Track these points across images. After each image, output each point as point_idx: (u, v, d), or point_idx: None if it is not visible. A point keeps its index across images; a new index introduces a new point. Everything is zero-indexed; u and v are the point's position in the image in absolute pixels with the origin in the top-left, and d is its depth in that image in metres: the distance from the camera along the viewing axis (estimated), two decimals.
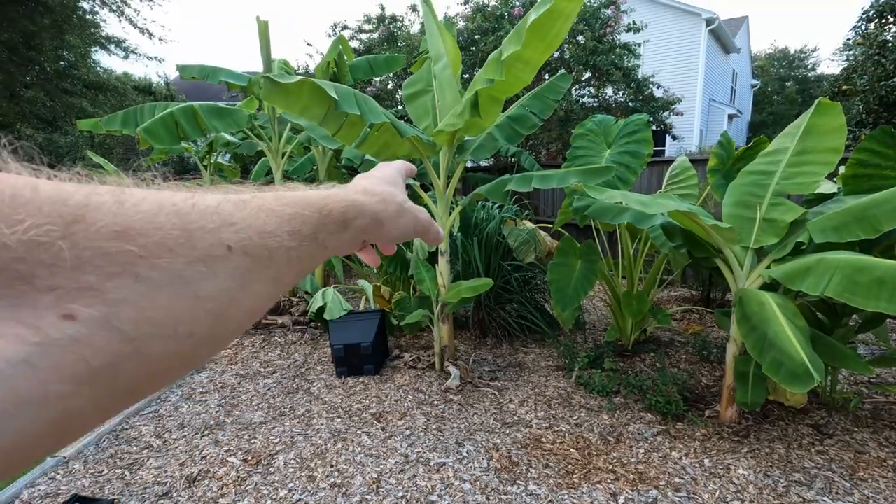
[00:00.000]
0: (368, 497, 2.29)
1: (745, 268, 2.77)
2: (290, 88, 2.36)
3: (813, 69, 30.92)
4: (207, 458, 2.63)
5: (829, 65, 32.92)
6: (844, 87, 7.43)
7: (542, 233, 4.60)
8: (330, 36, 10.66)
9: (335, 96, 2.37)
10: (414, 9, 10.96)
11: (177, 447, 2.75)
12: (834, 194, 3.05)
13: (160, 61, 13.58)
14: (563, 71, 3.86)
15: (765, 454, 2.61)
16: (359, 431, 2.89)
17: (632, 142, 3.52)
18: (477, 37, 8.04)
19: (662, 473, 2.47)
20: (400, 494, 2.30)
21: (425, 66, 3.87)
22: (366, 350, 3.61)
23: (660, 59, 15.73)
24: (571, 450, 2.70)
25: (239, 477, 2.45)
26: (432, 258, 4.05)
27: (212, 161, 6.07)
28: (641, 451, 2.68)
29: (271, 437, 2.83)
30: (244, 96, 6.09)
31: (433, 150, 3.20)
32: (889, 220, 2.30)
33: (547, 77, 7.11)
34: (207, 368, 3.87)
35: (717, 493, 2.31)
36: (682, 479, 2.43)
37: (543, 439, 2.81)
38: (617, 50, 8.12)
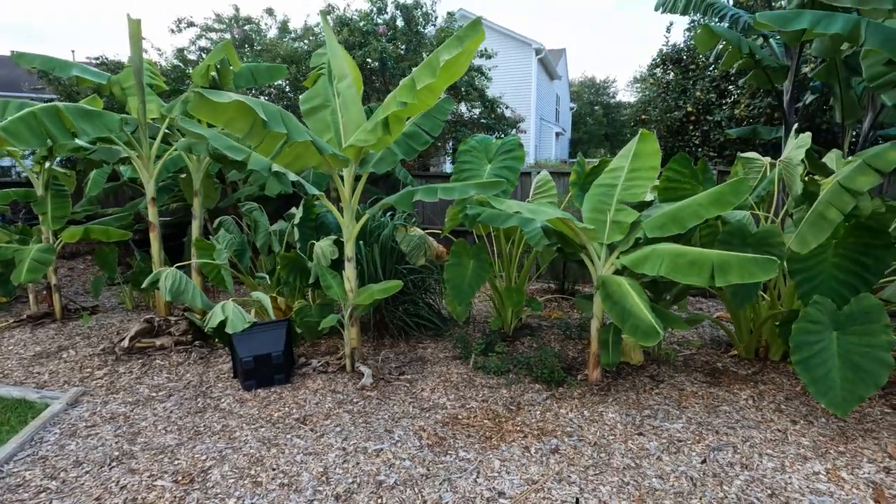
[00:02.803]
0: (321, 489, 2.44)
1: (602, 259, 3.57)
2: (219, 105, 2.39)
3: (614, 97, 37.34)
4: (128, 486, 2.47)
5: (625, 94, 39.99)
6: (643, 117, 9.42)
7: (430, 238, 5.05)
8: (173, 32, 9.76)
9: (264, 116, 2.47)
10: (270, 12, 10.64)
11: (83, 484, 2.51)
12: (653, 202, 4.07)
13: None
14: (447, 95, 4.38)
15: (623, 400, 3.41)
16: (288, 436, 2.96)
17: (509, 158, 4.17)
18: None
19: (557, 426, 3.08)
20: (350, 480, 2.50)
21: (321, 82, 4.03)
22: (277, 360, 3.62)
23: (501, 82, 17.58)
24: (485, 420, 3.17)
25: (175, 497, 2.37)
26: (335, 265, 4.20)
27: (45, 167, 5.23)
28: (538, 412, 3.27)
29: (196, 455, 2.74)
30: (59, 94, 5.32)
31: (344, 163, 3.41)
32: (691, 220, 3.24)
33: None
34: (83, 402, 3.46)
35: (598, 433, 2.99)
36: (571, 427, 3.07)
37: (459, 416, 3.23)
38: (471, 72, 9.08)
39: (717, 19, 5.48)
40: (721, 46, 4.53)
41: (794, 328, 2.89)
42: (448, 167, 14.34)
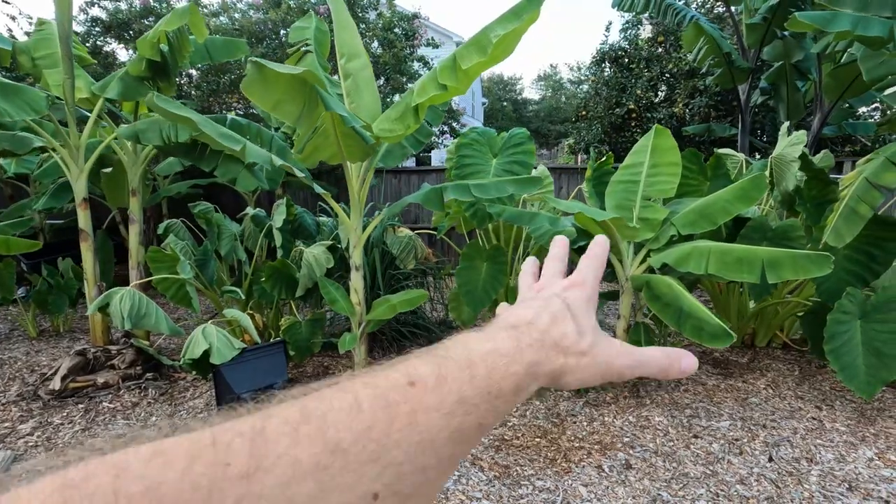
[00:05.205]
0: None
1: (629, 258, 3.46)
2: (277, 78, 1.83)
3: (520, 94, 38.73)
4: None
5: (530, 91, 41.71)
6: (582, 113, 9.70)
7: (419, 239, 4.64)
8: None
9: (328, 94, 1.95)
10: None
11: None
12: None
13: None
14: None
15: (659, 402, 3.35)
16: None
17: (518, 153, 3.91)
18: (282, 31, 7.40)
19: (614, 438, 2.91)
20: None
21: (309, 61, 3.45)
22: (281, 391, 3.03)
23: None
24: (536, 439, 2.91)
25: None
26: (329, 274, 3.66)
27: None
28: (584, 423, 3.08)
29: None
30: None
31: (364, 154, 2.92)
32: (720, 216, 3.23)
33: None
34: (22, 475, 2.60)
35: (656, 440, 2.87)
36: (628, 437, 2.92)
37: (507, 437, 2.94)
38: (416, 62, 8.74)
39: (676, 21, 5.69)
40: (701, 42, 4.70)
41: (830, 319, 3.00)
42: None
